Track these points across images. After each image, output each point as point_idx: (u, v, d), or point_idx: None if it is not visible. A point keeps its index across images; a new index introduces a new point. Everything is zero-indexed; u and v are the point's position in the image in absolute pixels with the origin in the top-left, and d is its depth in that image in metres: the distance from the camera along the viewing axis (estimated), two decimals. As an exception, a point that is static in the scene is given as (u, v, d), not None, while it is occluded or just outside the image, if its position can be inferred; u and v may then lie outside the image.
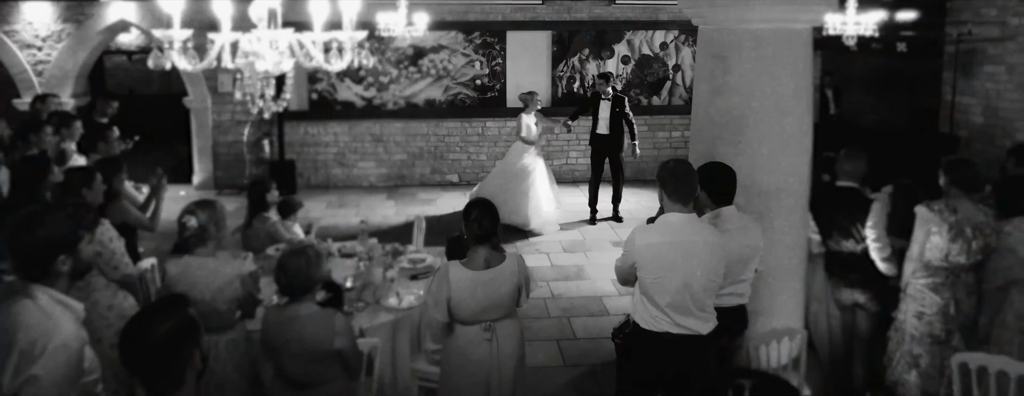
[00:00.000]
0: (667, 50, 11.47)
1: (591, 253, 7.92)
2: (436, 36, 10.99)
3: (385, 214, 9.62)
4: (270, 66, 3.09)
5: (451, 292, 3.51)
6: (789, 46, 4.38)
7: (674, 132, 11.61)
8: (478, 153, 11.36)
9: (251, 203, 5.68)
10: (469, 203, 3.74)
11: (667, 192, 3.43)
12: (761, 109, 4.39)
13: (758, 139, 4.40)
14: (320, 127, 11.10)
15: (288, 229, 5.80)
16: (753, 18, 4.32)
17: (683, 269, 3.34)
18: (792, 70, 4.40)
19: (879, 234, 4.28)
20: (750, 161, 4.40)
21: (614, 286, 6.95)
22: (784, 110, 4.40)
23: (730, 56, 4.43)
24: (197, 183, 11.05)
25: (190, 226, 3.58)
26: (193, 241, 3.60)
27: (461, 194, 10.71)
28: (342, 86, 11.04)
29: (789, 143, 4.42)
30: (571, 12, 11.18)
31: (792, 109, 4.41)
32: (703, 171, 3.78)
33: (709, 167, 3.83)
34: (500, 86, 11.22)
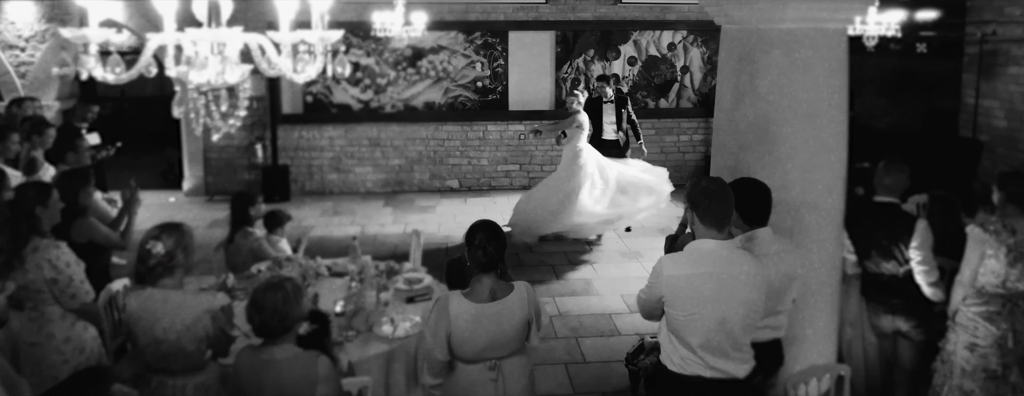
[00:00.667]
0: (675, 51, 11.05)
1: (599, 266, 7.51)
2: (435, 36, 10.58)
3: (382, 223, 9.21)
4: (211, 76, 2.54)
5: (451, 328, 3.10)
6: (823, 47, 3.97)
7: (682, 136, 11.19)
8: (479, 158, 10.94)
9: (233, 216, 5.27)
10: (473, 226, 3.33)
11: (698, 215, 3.01)
12: (792, 116, 3.98)
13: (789, 150, 3.99)
14: (315, 131, 10.69)
15: (274, 245, 5.40)
16: (785, 16, 3.91)
17: (719, 305, 2.92)
18: (826, 73, 3.99)
19: (926, 256, 3.87)
20: (780, 174, 3.99)
21: (624, 302, 6.54)
22: (818, 118, 3.98)
23: (758, 58, 4.02)
24: (187, 189, 10.64)
25: (155, 253, 3.16)
26: (157, 270, 3.17)
27: (461, 200, 10.31)
28: (338, 88, 10.63)
29: (823, 154, 4.01)
30: (575, 12, 10.77)
31: (827, 116, 4.00)
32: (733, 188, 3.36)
33: (741, 184, 3.42)
34: (502, 88, 10.80)
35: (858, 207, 4.26)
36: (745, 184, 3.42)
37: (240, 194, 5.37)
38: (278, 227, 5.51)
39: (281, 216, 5.55)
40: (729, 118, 4.19)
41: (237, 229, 5.23)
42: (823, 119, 3.99)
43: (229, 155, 10.65)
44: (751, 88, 4.05)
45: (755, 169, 4.05)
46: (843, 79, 4.09)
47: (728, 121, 4.19)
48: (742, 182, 3.46)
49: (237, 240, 5.20)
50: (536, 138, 9.01)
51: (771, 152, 4.01)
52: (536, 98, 10.88)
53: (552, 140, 8.64)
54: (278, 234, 5.51)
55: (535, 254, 7.91)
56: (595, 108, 8.70)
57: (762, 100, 4.02)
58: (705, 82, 11.14)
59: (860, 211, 4.21)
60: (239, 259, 5.18)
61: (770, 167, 4.01)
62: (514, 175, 11.03)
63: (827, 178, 4.03)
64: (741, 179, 3.52)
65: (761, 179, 3.99)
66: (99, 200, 5.01)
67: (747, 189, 3.36)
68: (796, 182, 3.99)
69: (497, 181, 11.00)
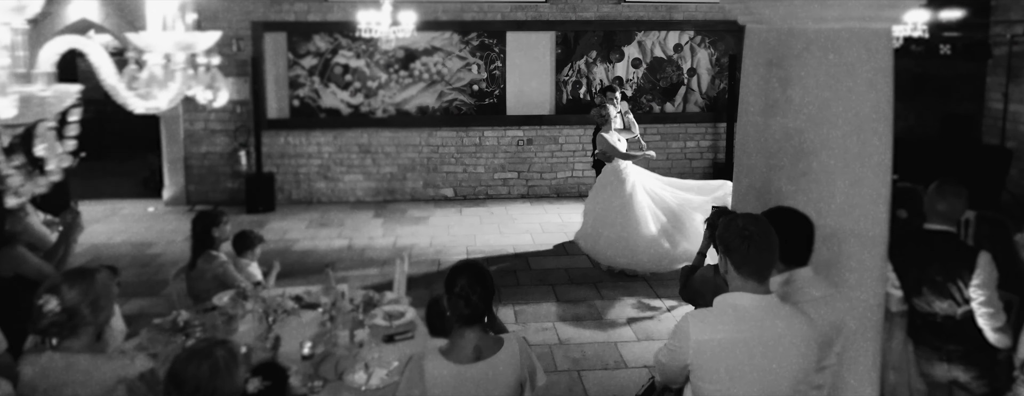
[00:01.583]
0: (682, 52, 10.49)
1: (603, 286, 6.94)
2: (429, 37, 10.02)
3: (371, 235, 8.65)
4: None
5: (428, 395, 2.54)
6: (868, 50, 3.41)
7: (689, 142, 10.63)
8: (475, 165, 10.38)
9: (195, 239, 4.71)
10: (453, 269, 2.77)
11: (734, 262, 2.45)
12: (832, 131, 3.42)
13: (827, 170, 3.43)
14: (302, 137, 10.13)
15: (243, 269, 4.84)
16: (824, 15, 3.35)
17: (760, 377, 2.35)
18: (871, 80, 3.43)
19: (990, 296, 3.31)
20: (817, 197, 3.44)
21: (631, 329, 5.98)
22: (861, 132, 3.42)
23: (792, 64, 3.46)
24: (167, 198, 10.08)
25: (47, 311, 2.54)
26: (57, 331, 2.57)
27: (455, 210, 9.75)
28: (326, 92, 10.07)
29: (867, 175, 3.45)
30: (577, 11, 10.21)
31: (871, 130, 3.44)
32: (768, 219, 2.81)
33: (776, 215, 2.86)
34: (499, 92, 10.24)
35: (903, 234, 3.70)
36: (782, 216, 2.86)
37: (202, 214, 4.80)
38: (248, 249, 4.95)
39: (252, 237, 4.99)
40: (757, 134, 3.62)
41: (199, 253, 4.67)
42: (867, 133, 3.43)
43: (211, 162, 10.10)
44: (783, 98, 3.49)
45: (787, 192, 3.49)
46: (889, 87, 3.52)
47: (756, 137, 3.62)
48: (778, 213, 2.90)
49: (199, 265, 4.64)
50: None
51: (806, 172, 3.45)
52: (535, 102, 10.33)
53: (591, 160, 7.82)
54: (248, 257, 4.95)
55: (533, 271, 7.35)
56: (595, 138, 8.08)
57: (796, 112, 3.46)
58: (713, 85, 10.58)
59: (907, 239, 3.65)
60: (202, 286, 4.63)
61: (805, 189, 3.45)
62: (512, 183, 10.47)
63: (871, 202, 3.47)
64: (776, 209, 2.96)
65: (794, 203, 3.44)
66: (36, 225, 4.42)
67: (784, 222, 2.80)
68: (836, 207, 3.44)
69: (494, 190, 10.44)
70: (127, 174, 12.01)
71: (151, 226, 9.01)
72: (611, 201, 7.26)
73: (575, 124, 10.38)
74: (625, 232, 7.08)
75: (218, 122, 10.00)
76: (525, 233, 8.70)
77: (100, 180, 11.93)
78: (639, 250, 7.02)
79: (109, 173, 12.54)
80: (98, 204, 10.11)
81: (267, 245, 8.24)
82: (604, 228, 7.23)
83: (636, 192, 7.22)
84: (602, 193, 7.41)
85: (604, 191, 7.39)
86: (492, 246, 8.19)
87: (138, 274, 7.25)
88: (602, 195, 7.39)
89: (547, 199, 10.36)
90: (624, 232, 7.09)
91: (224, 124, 10.01)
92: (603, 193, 7.39)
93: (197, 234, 4.70)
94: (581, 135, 10.43)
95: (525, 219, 9.34)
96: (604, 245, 7.21)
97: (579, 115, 10.34)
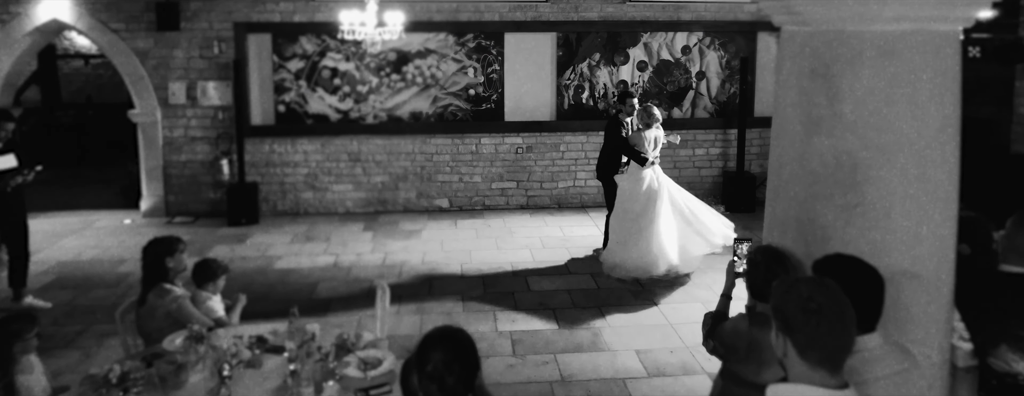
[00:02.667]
0: (690, 55, 9.92)
1: (608, 310, 6.37)
2: (422, 39, 9.46)
3: (359, 251, 8.07)
4: None
5: None
6: (932, 56, 2.85)
7: (698, 149, 10.05)
8: (471, 174, 9.81)
9: (146, 271, 4.14)
10: (425, 340, 2.20)
11: (797, 343, 1.88)
12: (890, 153, 2.86)
13: (884, 200, 2.87)
14: (288, 144, 9.56)
15: (202, 304, 4.26)
16: (883, 15, 2.79)
17: None
18: (936, 92, 2.86)
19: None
20: (870, 234, 2.88)
21: (640, 362, 5.41)
22: (925, 155, 2.86)
23: (841, 73, 2.90)
24: (145, 209, 9.50)
25: None
26: None
27: (450, 223, 9.18)
28: (314, 97, 9.50)
29: (931, 206, 2.88)
30: (579, 11, 9.65)
31: (936, 154, 2.87)
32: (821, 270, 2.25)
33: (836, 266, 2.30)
34: (497, 97, 9.68)
35: (972, 276, 3.12)
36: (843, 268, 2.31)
37: (155, 241, 4.22)
38: (210, 281, 4.37)
39: (214, 267, 4.41)
40: (798, 155, 3.06)
41: (151, 286, 4.10)
42: (931, 157, 2.86)
43: (192, 171, 9.53)
44: (829, 113, 2.93)
45: (834, 226, 2.93)
46: (956, 101, 2.95)
47: (796, 159, 3.06)
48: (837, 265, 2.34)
49: (150, 301, 4.08)
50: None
51: (858, 203, 2.89)
52: (535, 108, 9.76)
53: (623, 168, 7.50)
54: (210, 289, 4.37)
55: (532, 293, 6.77)
56: (614, 131, 7.52)
57: (846, 130, 2.89)
58: (723, 89, 10.01)
59: (981, 285, 3.08)
60: (153, 325, 4.06)
61: (857, 223, 2.89)
62: (511, 193, 9.90)
63: (935, 238, 2.90)
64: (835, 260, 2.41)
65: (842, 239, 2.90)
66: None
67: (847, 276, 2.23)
68: (894, 244, 2.87)
69: (492, 200, 9.87)
70: (107, 182, 11.44)
71: (125, 240, 8.44)
72: (633, 206, 7.13)
73: (577, 131, 9.82)
74: (650, 231, 6.97)
75: (199, 129, 9.44)
76: (524, 249, 8.13)
77: (79, 189, 11.38)
78: (666, 250, 6.93)
79: (89, 181, 11.99)
80: (72, 215, 9.55)
81: (246, 262, 7.76)
82: (629, 236, 7.07)
83: (658, 190, 7.11)
84: (625, 202, 7.21)
85: (627, 199, 7.20)
86: (488, 263, 7.62)
87: (103, 296, 6.67)
88: (626, 204, 7.20)
89: (547, 210, 9.79)
90: (650, 231, 6.98)
91: (205, 131, 9.44)
92: (626, 201, 7.21)
93: (148, 264, 4.13)
94: (583, 142, 9.87)
95: (524, 232, 8.77)
96: (635, 254, 7.01)
97: (581, 121, 9.78)
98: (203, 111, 9.39)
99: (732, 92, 10.01)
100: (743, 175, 9.83)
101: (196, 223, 9.24)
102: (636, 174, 7.20)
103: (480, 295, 6.73)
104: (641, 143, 7.21)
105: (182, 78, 9.33)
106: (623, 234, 7.14)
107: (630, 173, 7.28)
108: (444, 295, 6.72)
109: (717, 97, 10.04)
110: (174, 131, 9.45)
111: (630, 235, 7.07)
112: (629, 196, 7.17)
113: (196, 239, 8.51)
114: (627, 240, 7.08)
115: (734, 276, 3.26)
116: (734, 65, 9.95)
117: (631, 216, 7.11)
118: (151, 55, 9.23)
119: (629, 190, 7.18)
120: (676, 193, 7.27)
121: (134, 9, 9.11)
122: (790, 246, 3.10)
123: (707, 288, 6.87)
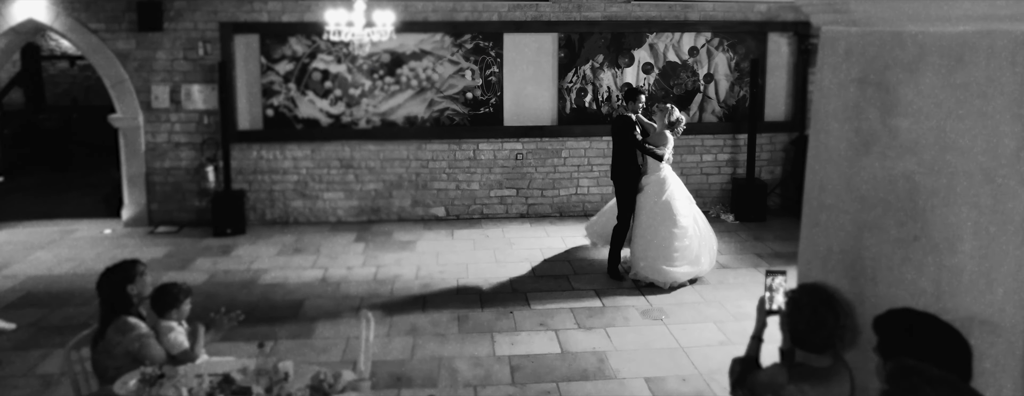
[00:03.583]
0: (697, 56, 9.49)
1: (615, 331, 5.93)
2: (417, 40, 9.02)
3: (350, 264, 7.63)
4: None
5: None
6: (1009, 64, 2.42)
7: (706, 155, 9.62)
8: (469, 182, 9.37)
9: (104, 301, 3.69)
10: None
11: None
12: (956, 178, 2.42)
13: (949, 233, 2.44)
14: (277, 150, 9.12)
15: (165, 335, 3.80)
16: (949, 14, 2.36)
17: None
18: (1014, 107, 2.43)
19: None
20: (933, 272, 2.45)
21: (650, 391, 4.97)
22: (999, 181, 2.43)
23: (898, 82, 2.46)
24: (127, 218, 9.06)
25: None
26: None
27: (447, 233, 8.74)
28: (304, 100, 9.06)
29: (1007, 241, 2.45)
30: (581, 11, 9.21)
31: (1013, 179, 2.44)
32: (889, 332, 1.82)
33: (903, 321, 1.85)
34: (496, 100, 9.24)
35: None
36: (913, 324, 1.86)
37: (111, 270, 3.76)
38: (173, 308, 3.92)
39: (175, 292, 3.94)
40: (841, 177, 2.62)
41: (110, 320, 3.65)
42: (1007, 183, 2.43)
43: (176, 179, 9.09)
44: (884, 129, 2.50)
45: (888, 262, 2.49)
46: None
47: (839, 182, 2.62)
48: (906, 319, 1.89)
49: (110, 336, 3.63)
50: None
51: (919, 236, 2.45)
52: (536, 112, 9.33)
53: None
54: (172, 317, 3.92)
55: (533, 312, 6.34)
56: (627, 130, 7.09)
57: (904, 149, 2.46)
58: (732, 93, 9.58)
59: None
60: (110, 364, 3.62)
61: (917, 260, 2.45)
62: (510, 202, 9.46)
63: (1010, 278, 2.47)
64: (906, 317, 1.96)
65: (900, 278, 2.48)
66: None
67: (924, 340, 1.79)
68: (961, 286, 2.44)
69: (490, 208, 9.43)
70: (91, 188, 11.02)
71: (103, 253, 7.99)
72: (654, 204, 6.94)
73: (579, 136, 9.38)
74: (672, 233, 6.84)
75: (183, 134, 9.00)
76: (524, 262, 7.69)
77: (60, 196, 10.95)
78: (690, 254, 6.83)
79: (72, 187, 11.55)
80: (50, 224, 9.11)
81: (230, 276, 7.32)
82: (651, 232, 6.87)
83: (677, 192, 7.00)
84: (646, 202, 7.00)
85: (648, 199, 6.99)
86: (486, 278, 7.18)
87: (73, 315, 6.23)
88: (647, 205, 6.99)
89: (548, 219, 9.35)
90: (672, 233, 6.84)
91: (190, 136, 9.00)
92: (647, 201, 6.99)
93: (107, 295, 3.68)
94: (586, 148, 9.44)
95: (524, 243, 8.33)
96: (655, 253, 6.81)
97: (584, 126, 9.35)
98: (187, 115, 8.95)
99: (741, 95, 9.57)
100: (753, 182, 9.39)
101: (180, 233, 8.80)
102: (657, 175, 6.98)
103: (477, 314, 6.29)
104: (664, 143, 6.97)
105: (165, 81, 8.89)
106: (649, 235, 6.88)
107: (652, 178, 7.01)
108: (439, 314, 6.29)
109: (726, 101, 9.60)
110: (157, 136, 9.01)
111: (656, 236, 6.83)
112: (653, 196, 6.95)
113: (178, 251, 8.07)
114: (651, 242, 6.85)
115: (766, 314, 2.83)
116: (744, 67, 9.52)
117: (656, 218, 6.88)
118: (133, 57, 8.80)
119: (654, 192, 6.96)
120: (690, 204, 7.09)
121: (115, 9, 8.67)
122: (833, 283, 2.67)
123: (719, 305, 6.44)
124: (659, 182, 6.99)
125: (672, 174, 7.07)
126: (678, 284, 6.81)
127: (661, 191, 6.95)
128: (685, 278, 6.84)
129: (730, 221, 9.22)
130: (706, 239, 7.02)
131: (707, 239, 7.03)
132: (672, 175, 7.07)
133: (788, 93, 9.67)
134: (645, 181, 7.06)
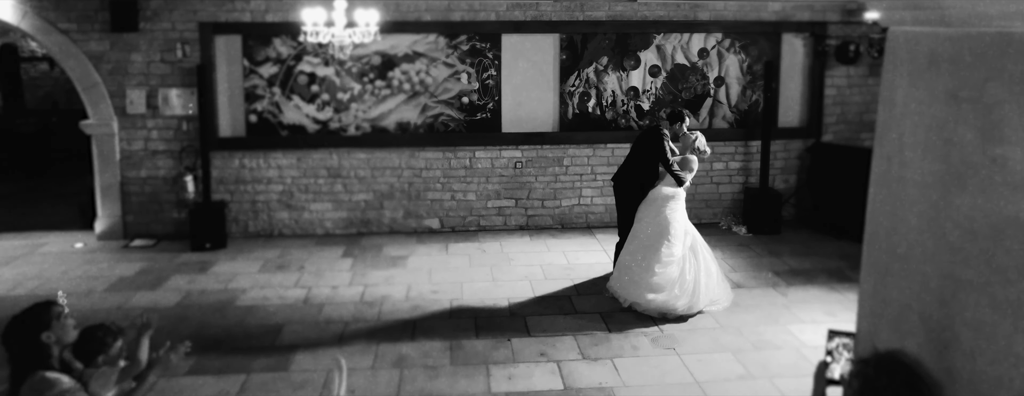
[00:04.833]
0: (707, 58, 8.94)
1: (623, 363, 5.38)
2: (410, 41, 8.47)
3: (335, 283, 7.08)
4: None
5: None
6: None
7: (716, 163, 9.06)
8: (465, 192, 8.82)
9: (13, 356, 3.12)
10: None
11: None
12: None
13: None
14: (260, 158, 8.56)
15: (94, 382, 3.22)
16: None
17: None
18: None
19: None
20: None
21: (665, 437, 4.42)
22: None
23: (1006, 99, 1.91)
24: (100, 231, 8.50)
25: None
26: None
27: (441, 247, 8.19)
28: (289, 105, 8.51)
29: None
30: (585, 10, 8.66)
31: None
32: None
33: None
34: (493, 105, 8.69)
35: None
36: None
37: (17, 319, 3.15)
38: (100, 353, 3.33)
39: (100, 336, 3.34)
40: (922, 217, 2.07)
41: (24, 376, 3.08)
42: None
43: (153, 188, 8.54)
44: (984, 159, 1.94)
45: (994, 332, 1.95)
46: None
47: (920, 223, 2.07)
48: None
49: (24, 393, 3.06)
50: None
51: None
52: (536, 117, 8.77)
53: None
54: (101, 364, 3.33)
55: (533, 340, 5.78)
56: (658, 143, 6.60)
57: (1013, 187, 1.90)
58: (744, 97, 9.03)
59: None
60: (30, 424, 3.05)
61: None
62: (508, 213, 8.90)
63: None
64: None
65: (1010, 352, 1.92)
66: None
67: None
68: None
69: (487, 220, 8.88)
70: (66, 197, 10.47)
71: (71, 270, 7.45)
72: (655, 216, 6.43)
73: (582, 143, 8.83)
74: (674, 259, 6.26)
75: (161, 141, 8.45)
76: (523, 280, 7.14)
77: (32, 205, 10.40)
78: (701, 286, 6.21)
79: (47, 196, 11.00)
80: (18, 238, 8.56)
81: (205, 297, 6.75)
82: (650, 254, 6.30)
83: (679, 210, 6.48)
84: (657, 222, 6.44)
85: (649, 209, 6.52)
86: (482, 299, 6.63)
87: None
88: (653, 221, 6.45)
89: (549, 232, 8.80)
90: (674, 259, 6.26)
91: (168, 143, 8.45)
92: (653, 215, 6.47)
93: (17, 348, 3.10)
94: (589, 156, 8.89)
95: (524, 259, 7.78)
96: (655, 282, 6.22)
97: (587, 133, 8.80)
98: (165, 121, 8.40)
99: (754, 100, 9.02)
100: (767, 192, 8.84)
101: (156, 247, 8.25)
102: (667, 190, 6.50)
103: (471, 342, 5.74)
104: (690, 167, 6.60)
105: (141, 85, 8.33)
106: (650, 259, 6.28)
107: (661, 191, 6.50)
108: (430, 342, 5.73)
109: (737, 105, 9.05)
110: (132, 144, 8.45)
111: (656, 261, 6.24)
112: (655, 212, 6.43)
113: (153, 267, 7.53)
114: (651, 267, 6.25)
115: (826, 383, 2.28)
116: (756, 70, 8.97)
117: (661, 238, 6.32)
118: (106, 59, 8.25)
119: (657, 207, 6.43)
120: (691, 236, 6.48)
121: (86, 8, 8.12)
122: (912, 353, 2.12)
123: (736, 332, 5.89)
124: (665, 198, 6.44)
125: (681, 199, 6.50)
126: (660, 314, 6.11)
127: (663, 208, 6.40)
128: (657, 307, 6.11)
129: (742, 233, 8.67)
130: (704, 275, 6.23)
131: (705, 275, 6.25)
132: (680, 199, 6.50)
133: (804, 98, 9.13)
134: (654, 194, 6.52)
